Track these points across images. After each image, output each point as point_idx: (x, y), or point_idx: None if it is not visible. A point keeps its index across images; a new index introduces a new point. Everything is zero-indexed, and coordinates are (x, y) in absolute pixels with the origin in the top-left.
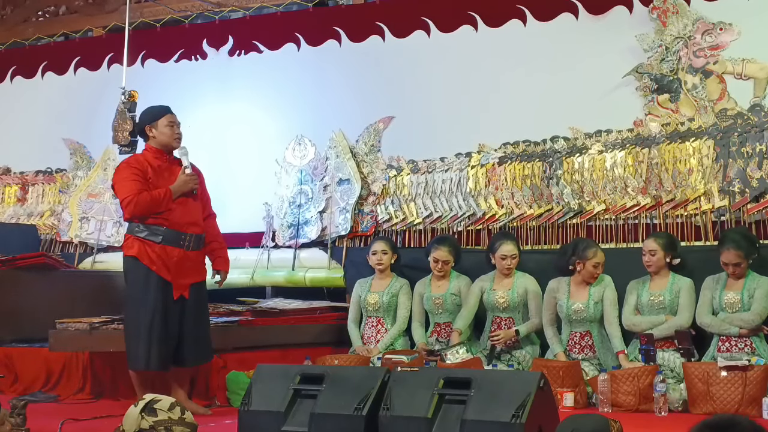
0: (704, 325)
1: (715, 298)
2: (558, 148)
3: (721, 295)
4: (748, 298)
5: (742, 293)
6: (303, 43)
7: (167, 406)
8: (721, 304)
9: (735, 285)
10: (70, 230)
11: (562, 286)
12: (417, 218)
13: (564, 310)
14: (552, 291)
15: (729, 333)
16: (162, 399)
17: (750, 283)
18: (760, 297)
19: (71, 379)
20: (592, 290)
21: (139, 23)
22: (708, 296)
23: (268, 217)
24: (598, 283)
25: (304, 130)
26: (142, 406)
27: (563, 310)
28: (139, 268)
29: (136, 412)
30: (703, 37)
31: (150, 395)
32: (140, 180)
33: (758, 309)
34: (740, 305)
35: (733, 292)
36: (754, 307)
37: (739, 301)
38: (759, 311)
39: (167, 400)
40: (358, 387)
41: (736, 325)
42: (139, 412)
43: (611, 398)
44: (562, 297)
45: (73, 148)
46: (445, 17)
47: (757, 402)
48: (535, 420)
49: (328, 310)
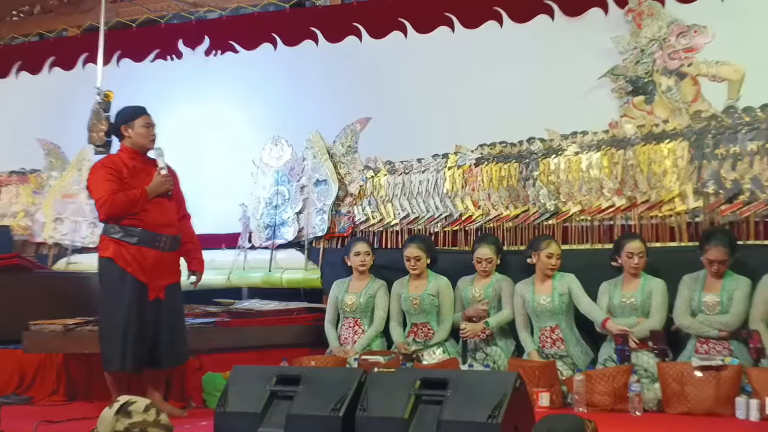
0: (683, 326)
1: (694, 300)
2: (534, 150)
3: (701, 296)
4: (728, 300)
5: (721, 295)
6: (280, 43)
7: (142, 408)
8: (700, 306)
9: (714, 286)
10: (44, 231)
11: (527, 285)
12: (394, 219)
13: (530, 305)
14: (519, 292)
15: (708, 335)
16: (137, 401)
17: (729, 285)
18: (739, 299)
19: (45, 381)
20: (555, 283)
21: (114, 23)
22: (687, 296)
23: (245, 217)
24: (562, 277)
25: (280, 130)
26: (116, 408)
27: (530, 305)
28: (115, 270)
29: (111, 414)
30: (677, 39)
31: (125, 397)
32: (115, 180)
33: (738, 311)
34: (719, 307)
35: (712, 293)
36: (733, 310)
37: (718, 303)
38: (738, 314)
39: (142, 402)
40: (334, 388)
41: (715, 328)
42: (114, 414)
43: (586, 398)
44: (528, 294)
45: (48, 148)
46: (421, 18)
47: (730, 401)
48: (511, 420)
49: (305, 311)
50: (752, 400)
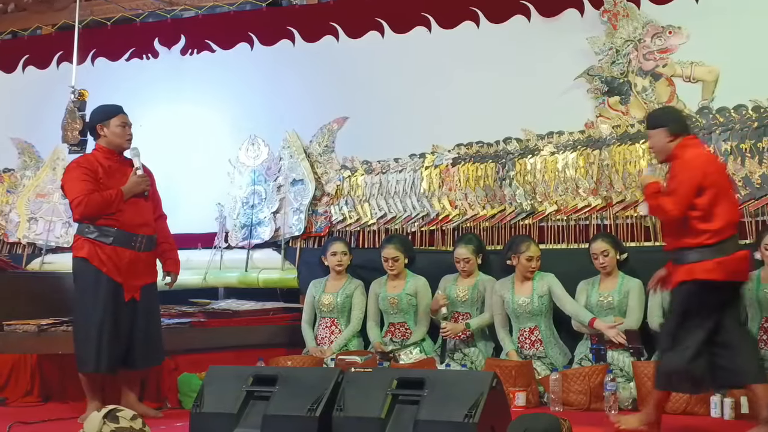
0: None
1: (666, 299)
2: (511, 150)
3: None
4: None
5: None
6: (256, 42)
7: (130, 416)
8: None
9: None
10: (18, 231)
11: (506, 285)
12: (371, 219)
13: (510, 305)
14: (497, 291)
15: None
16: (125, 410)
17: None
18: None
19: (19, 382)
20: (535, 284)
21: (89, 21)
22: (658, 299)
23: (221, 217)
24: (542, 278)
25: (257, 130)
26: (105, 412)
27: (509, 306)
28: (89, 270)
29: (99, 416)
30: (652, 40)
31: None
32: (90, 180)
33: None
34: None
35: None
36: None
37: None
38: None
39: (130, 412)
40: (311, 388)
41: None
42: (102, 417)
43: (562, 397)
44: (507, 294)
45: (22, 147)
46: (398, 18)
47: (705, 400)
48: (488, 419)
49: (282, 311)
50: (726, 399)
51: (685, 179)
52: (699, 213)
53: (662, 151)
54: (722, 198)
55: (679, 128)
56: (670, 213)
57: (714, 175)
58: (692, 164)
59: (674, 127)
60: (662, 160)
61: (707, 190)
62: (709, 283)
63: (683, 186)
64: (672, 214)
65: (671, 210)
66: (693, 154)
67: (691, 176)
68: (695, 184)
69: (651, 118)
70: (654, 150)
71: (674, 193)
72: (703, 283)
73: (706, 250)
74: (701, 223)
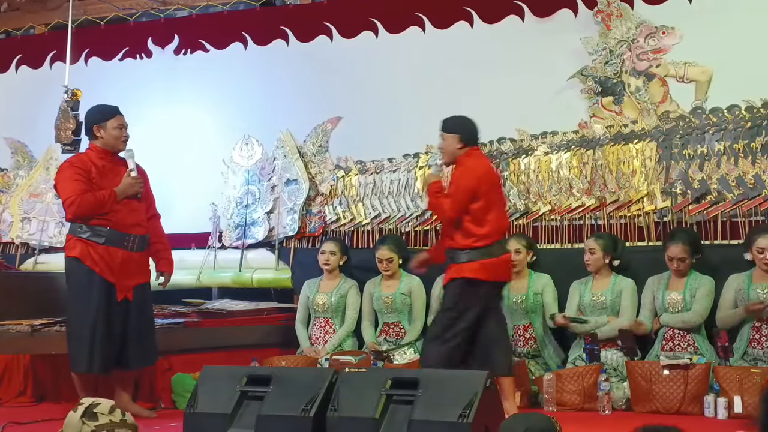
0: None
1: (658, 299)
2: (504, 150)
3: (664, 295)
4: (690, 298)
5: (684, 293)
6: (250, 42)
7: (107, 409)
8: (663, 304)
9: (677, 285)
10: (11, 231)
11: None
12: (365, 219)
13: (505, 302)
14: None
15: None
16: (101, 402)
17: (692, 283)
18: (701, 296)
19: (12, 382)
20: (530, 282)
21: (82, 21)
22: (650, 297)
23: (215, 217)
24: (538, 277)
25: (251, 130)
26: (81, 411)
27: (504, 303)
28: (82, 270)
29: (77, 417)
30: (646, 40)
31: (88, 399)
32: (83, 180)
33: (700, 309)
34: (683, 305)
35: (675, 291)
36: (695, 307)
37: (681, 300)
38: (701, 311)
39: (107, 404)
40: (305, 388)
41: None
42: (80, 417)
43: (556, 397)
44: None
45: (15, 147)
46: (392, 18)
47: (698, 400)
48: (482, 420)
49: (276, 311)
50: (720, 399)
51: (463, 185)
52: (471, 217)
53: (451, 154)
54: (494, 206)
55: (470, 138)
56: (447, 213)
57: (489, 185)
58: (472, 173)
59: (466, 137)
60: (448, 162)
61: (481, 198)
62: (474, 281)
63: (460, 191)
64: (448, 214)
65: (447, 211)
66: (475, 164)
67: (469, 183)
68: (472, 191)
69: (448, 123)
70: (443, 152)
71: (452, 196)
72: (468, 281)
73: (474, 252)
74: (473, 227)
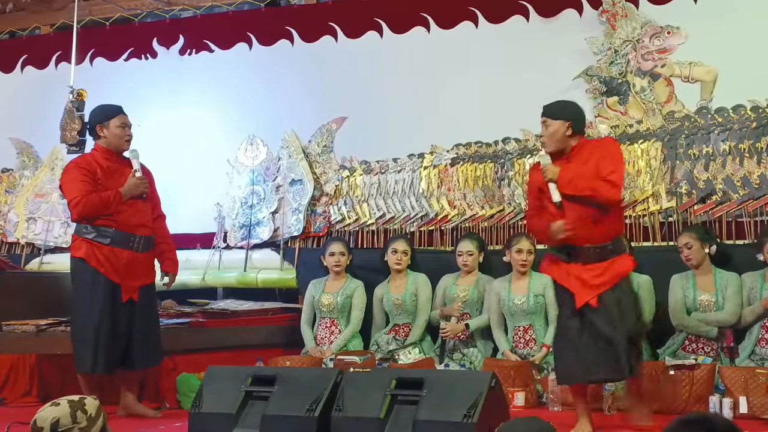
0: (681, 326)
1: (689, 298)
2: (509, 150)
3: (696, 294)
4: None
5: (716, 294)
6: (255, 42)
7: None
8: (695, 304)
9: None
10: (17, 231)
11: (503, 283)
12: (370, 219)
13: (505, 303)
14: (495, 289)
15: (707, 335)
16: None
17: (720, 282)
18: (732, 295)
19: (18, 382)
20: (531, 284)
21: (87, 21)
22: (680, 296)
23: (220, 217)
24: (540, 278)
25: (256, 130)
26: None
27: (505, 304)
28: (87, 270)
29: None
30: (651, 40)
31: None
32: (89, 181)
33: (732, 308)
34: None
35: (707, 294)
36: (728, 307)
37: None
38: (734, 310)
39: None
40: (310, 388)
41: (712, 326)
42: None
43: (561, 397)
44: (503, 292)
45: (20, 147)
46: (397, 18)
47: (703, 400)
48: (487, 420)
49: (280, 311)
50: (725, 399)
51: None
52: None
53: (559, 141)
54: None
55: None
56: (616, 190)
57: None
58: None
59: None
60: (553, 151)
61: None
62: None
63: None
64: (619, 188)
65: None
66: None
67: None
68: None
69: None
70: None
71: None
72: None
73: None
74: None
